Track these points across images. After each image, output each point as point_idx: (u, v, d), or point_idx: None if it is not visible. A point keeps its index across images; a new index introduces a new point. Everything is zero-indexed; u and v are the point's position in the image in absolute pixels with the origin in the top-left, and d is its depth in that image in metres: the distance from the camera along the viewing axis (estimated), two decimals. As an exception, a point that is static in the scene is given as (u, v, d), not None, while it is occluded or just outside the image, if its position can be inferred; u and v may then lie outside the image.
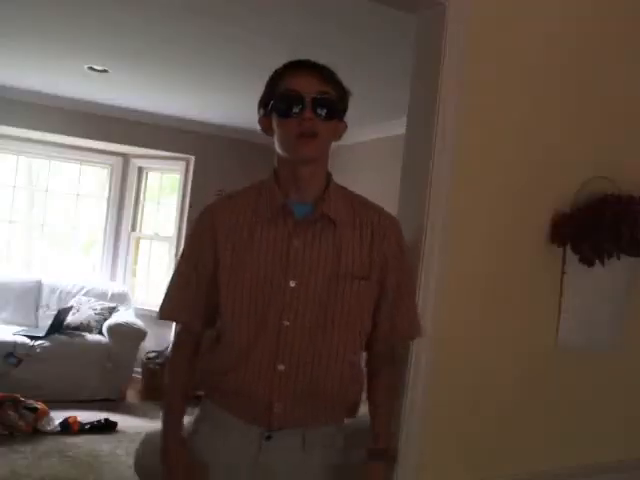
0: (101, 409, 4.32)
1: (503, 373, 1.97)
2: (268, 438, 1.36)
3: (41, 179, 5.85)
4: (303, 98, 1.30)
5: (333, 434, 1.45)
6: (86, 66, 4.10)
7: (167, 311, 1.47)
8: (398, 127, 4.11)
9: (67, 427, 3.94)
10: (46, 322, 4.89)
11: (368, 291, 1.39)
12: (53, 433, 3.89)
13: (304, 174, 1.36)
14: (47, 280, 5.39)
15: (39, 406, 3.96)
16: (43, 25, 3.34)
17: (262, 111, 1.40)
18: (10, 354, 4.39)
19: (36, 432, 3.84)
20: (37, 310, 5.27)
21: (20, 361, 4.40)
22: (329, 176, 1.43)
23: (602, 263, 2.00)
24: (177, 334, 1.51)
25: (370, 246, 1.39)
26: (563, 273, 2.05)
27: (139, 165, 6.04)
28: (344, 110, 1.40)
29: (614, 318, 2.20)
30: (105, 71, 4.19)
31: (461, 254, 1.85)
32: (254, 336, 1.35)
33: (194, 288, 1.43)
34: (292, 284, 1.34)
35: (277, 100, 1.34)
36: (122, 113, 5.32)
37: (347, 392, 1.42)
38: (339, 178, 1.48)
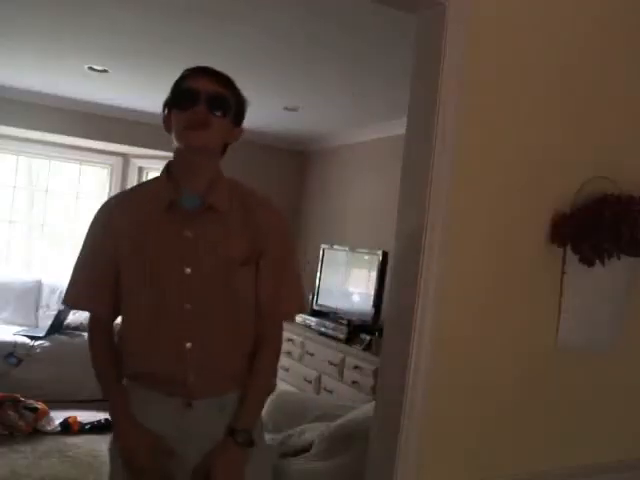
0: (101, 409, 4.29)
1: (503, 373, 1.97)
2: (189, 405, 1.49)
3: (41, 179, 5.85)
4: (199, 94, 1.43)
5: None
6: (86, 66, 4.10)
7: (72, 298, 1.59)
8: (398, 127, 4.11)
9: (67, 427, 3.94)
10: (46, 322, 4.89)
11: (254, 274, 1.54)
12: (53, 433, 3.89)
13: (195, 163, 1.50)
14: (47, 280, 5.39)
15: (39, 406, 3.95)
16: (43, 25, 3.34)
17: (165, 111, 1.53)
18: (10, 354, 4.39)
19: (36, 432, 3.84)
20: (37, 310, 5.27)
21: (20, 361, 4.40)
22: (220, 172, 1.56)
23: (602, 263, 2.00)
24: (88, 324, 1.62)
25: (254, 234, 1.52)
26: (563, 273, 2.05)
27: (139, 165, 6.04)
28: (240, 115, 1.55)
29: (614, 318, 2.20)
30: (105, 71, 4.19)
31: (461, 254, 1.85)
32: (157, 321, 1.48)
33: (97, 277, 1.54)
34: (188, 271, 1.47)
35: (176, 96, 1.48)
36: (122, 113, 5.32)
37: (248, 362, 1.56)
38: (339, 178, 1.50)
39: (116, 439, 1.53)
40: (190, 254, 1.47)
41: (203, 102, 1.43)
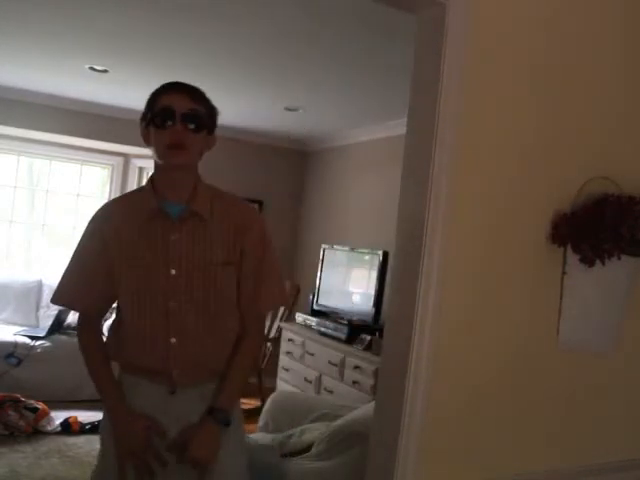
0: (101, 409, 4.31)
1: (503, 373, 1.97)
2: (172, 393, 1.63)
3: (42, 179, 5.86)
4: (174, 113, 1.55)
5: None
6: (87, 66, 4.10)
7: (59, 296, 1.71)
8: (398, 127, 4.12)
9: (67, 427, 3.95)
10: (47, 322, 4.90)
11: (234, 274, 1.67)
12: (53, 433, 3.89)
13: (176, 178, 1.64)
14: (48, 280, 5.39)
15: (40, 406, 3.96)
16: (44, 25, 3.34)
17: (143, 124, 1.63)
18: (11, 354, 4.39)
19: (36, 432, 3.84)
20: (38, 310, 5.27)
21: (20, 361, 4.41)
22: (198, 178, 1.68)
23: (602, 263, 2.00)
24: (79, 319, 1.75)
25: (234, 236, 1.65)
26: (563, 273, 2.05)
27: (140, 165, 6.04)
28: (213, 125, 1.67)
29: (614, 318, 2.20)
30: (106, 71, 4.19)
31: (461, 254, 1.85)
32: (147, 318, 1.61)
33: (84, 280, 1.67)
34: (173, 272, 1.60)
35: (154, 115, 1.58)
36: (123, 113, 5.32)
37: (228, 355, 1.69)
38: (339, 178, 1.51)
39: (113, 427, 1.65)
40: (175, 257, 1.60)
41: (179, 120, 1.55)
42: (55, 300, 1.72)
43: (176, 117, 1.55)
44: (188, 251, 1.61)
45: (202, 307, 1.63)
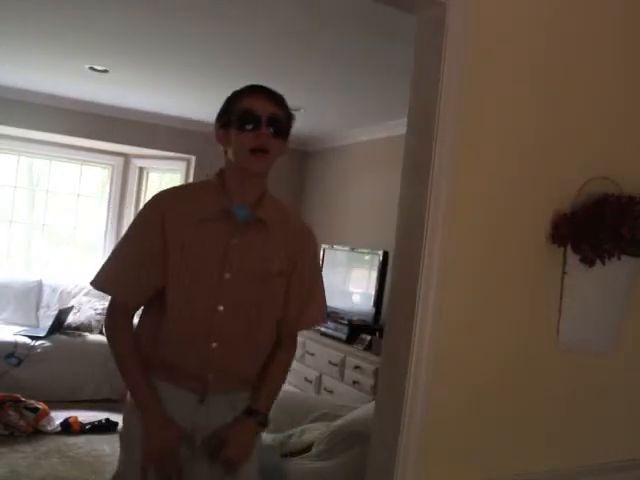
0: (102, 409, 4.31)
1: (503, 373, 1.97)
2: (201, 402, 1.58)
3: (42, 179, 5.86)
4: (260, 117, 1.52)
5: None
6: (87, 66, 4.10)
7: (103, 282, 1.59)
8: (398, 127, 4.12)
9: (68, 427, 3.94)
10: (47, 322, 4.90)
11: (286, 286, 1.65)
12: (54, 433, 3.89)
13: (251, 184, 1.59)
14: (48, 280, 5.39)
15: (40, 406, 3.95)
16: (44, 25, 3.34)
17: (219, 124, 1.60)
18: (11, 354, 4.39)
19: (37, 432, 3.84)
20: (38, 310, 5.27)
21: (21, 361, 4.40)
22: (266, 187, 1.65)
23: (603, 263, 2.00)
24: (112, 310, 1.62)
25: (293, 248, 1.64)
26: (564, 273, 2.05)
27: (140, 165, 6.05)
28: (289, 130, 1.62)
29: (614, 318, 2.20)
30: (106, 71, 4.19)
31: (461, 254, 1.85)
32: (192, 319, 1.56)
33: (134, 269, 1.57)
34: (227, 276, 1.55)
35: (237, 116, 1.54)
36: (123, 113, 5.33)
37: (261, 365, 1.67)
38: (339, 178, 1.52)
39: (147, 429, 1.56)
40: (232, 261, 1.56)
41: (264, 125, 1.52)
42: (97, 284, 1.59)
43: (262, 121, 1.52)
44: (245, 257, 1.57)
45: (248, 315, 1.60)
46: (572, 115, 2.05)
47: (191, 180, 5.73)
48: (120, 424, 1.79)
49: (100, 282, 1.59)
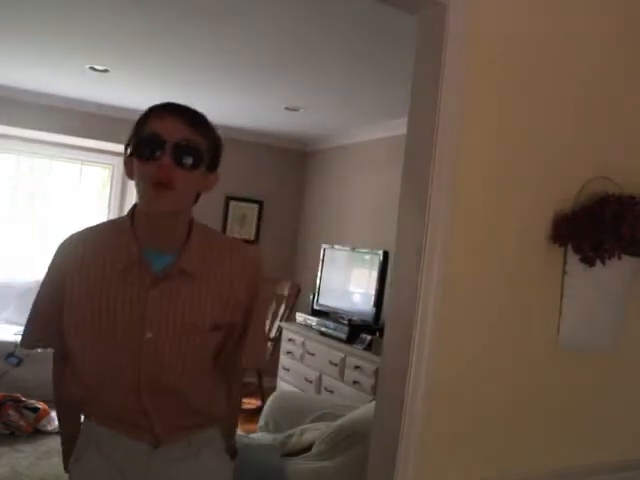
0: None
1: (503, 373, 1.97)
2: (155, 448, 1.39)
3: (42, 179, 5.85)
4: (164, 142, 1.23)
5: (215, 436, 1.51)
6: (87, 66, 4.10)
7: (28, 343, 1.46)
8: (398, 127, 4.12)
9: (68, 427, 3.94)
10: (47, 322, 4.89)
11: (221, 337, 1.42)
12: (54, 433, 3.89)
13: (160, 226, 1.32)
14: (48, 280, 5.39)
15: (40, 406, 3.96)
16: (44, 25, 3.34)
17: (127, 152, 1.33)
18: (11, 354, 4.39)
19: (37, 432, 3.84)
20: (38, 310, 5.27)
21: (21, 361, 4.41)
22: (191, 224, 1.38)
23: (603, 263, 2.00)
24: (53, 360, 1.49)
25: (227, 296, 1.38)
26: (564, 273, 2.05)
27: (140, 165, 6.04)
28: (215, 160, 1.35)
29: (615, 318, 2.20)
30: (106, 71, 4.19)
31: (462, 254, 1.85)
32: (110, 377, 1.36)
33: (54, 314, 1.38)
34: (149, 335, 1.31)
35: (138, 143, 1.27)
36: (123, 113, 5.32)
37: (212, 408, 1.49)
38: (339, 178, 1.49)
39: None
40: (154, 317, 1.31)
41: (168, 152, 1.23)
42: (22, 346, 1.48)
43: (165, 148, 1.23)
44: (169, 312, 1.32)
45: (177, 369, 1.37)
46: (572, 115, 2.05)
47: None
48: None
49: (23, 342, 1.46)
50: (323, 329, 4.72)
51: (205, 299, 1.35)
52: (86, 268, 1.33)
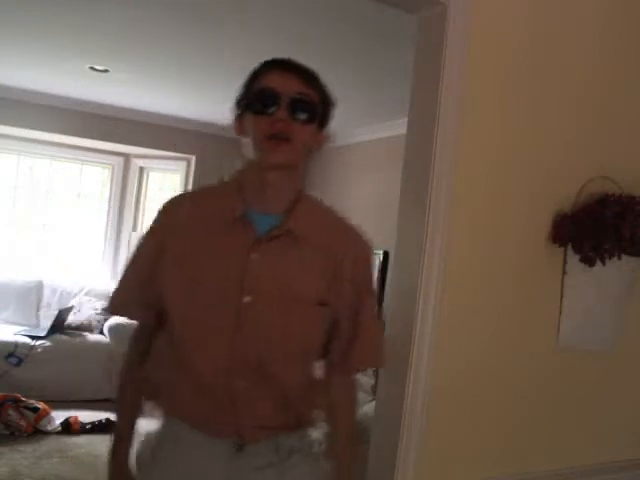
0: (102, 409, 4.30)
1: (504, 373, 1.98)
2: (239, 449, 1.25)
3: (42, 179, 5.86)
4: (280, 97, 1.21)
5: (307, 443, 1.34)
6: (87, 66, 4.10)
7: (117, 306, 1.38)
8: (399, 127, 4.12)
9: (68, 427, 3.94)
10: (47, 322, 4.89)
11: (327, 320, 1.29)
12: (54, 433, 3.89)
13: (271, 181, 1.26)
14: (48, 280, 5.39)
15: (40, 406, 3.95)
16: (44, 25, 3.34)
17: (237, 111, 1.31)
18: (11, 354, 4.39)
19: (37, 432, 3.84)
20: (38, 310, 5.27)
21: (21, 361, 4.40)
22: (299, 189, 1.33)
23: (603, 263, 2.00)
24: (134, 330, 1.40)
25: (334, 271, 1.28)
26: (564, 273, 2.05)
27: (140, 165, 6.04)
28: (325, 118, 1.33)
29: (615, 318, 2.20)
30: (106, 71, 4.19)
31: (462, 255, 1.85)
32: (201, 351, 1.24)
33: (136, 284, 1.33)
34: (247, 299, 1.21)
35: (252, 98, 1.25)
36: (123, 113, 5.33)
37: (307, 408, 1.33)
38: (339, 178, 1.48)
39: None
40: (253, 280, 1.22)
41: (284, 107, 1.21)
42: (109, 309, 1.39)
43: (281, 102, 1.21)
44: (271, 277, 1.23)
45: (276, 347, 1.25)
46: (573, 115, 2.05)
47: (191, 180, 5.74)
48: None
49: (111, 307, 1.38)
50: (323, 329, 4.72)
51: (311, 268, 1.27)
52: (188, 228, 1.27)
